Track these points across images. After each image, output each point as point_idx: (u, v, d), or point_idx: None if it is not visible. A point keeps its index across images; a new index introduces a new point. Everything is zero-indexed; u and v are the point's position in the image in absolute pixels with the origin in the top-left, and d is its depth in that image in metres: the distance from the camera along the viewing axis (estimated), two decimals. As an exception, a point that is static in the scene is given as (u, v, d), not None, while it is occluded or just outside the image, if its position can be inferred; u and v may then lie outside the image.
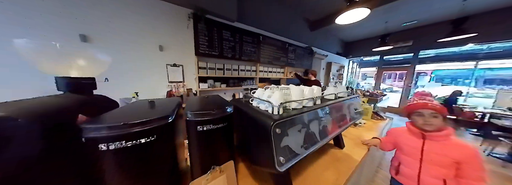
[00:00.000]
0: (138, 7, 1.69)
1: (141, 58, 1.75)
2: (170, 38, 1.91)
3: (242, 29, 2.42)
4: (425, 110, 0.66)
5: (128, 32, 1.65)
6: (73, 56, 0.51)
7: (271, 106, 0.52)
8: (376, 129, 1.49)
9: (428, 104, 0.66)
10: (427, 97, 0.70)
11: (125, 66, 1.68)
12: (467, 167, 0.61)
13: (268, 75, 2.89)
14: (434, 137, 0.65)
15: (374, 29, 4.06)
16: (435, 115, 0.65)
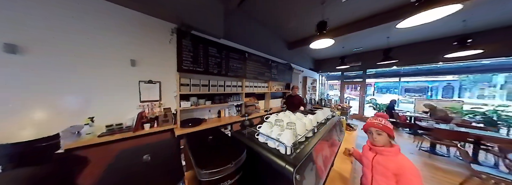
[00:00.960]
0: (100, 15, 1.14)
1: (103, 75, 1.17)
2: (147, 53, 1.41)
3: (229, 46, 2.05)
4: (372, 128, 0.71)
5: (83, 43, 1.08)
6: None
7: (284, 146, 0.43)
8: (352, 140, 1.40)
9: (374, 123, 0.70)
10: (380, 118, 0.74)
11: (80, 84, 1.08)
12: (403, 180, 0.61)
13: (254, 90, 2.51)
14: (381, 151, 0.68)
15: (335, 51, 4.40)
16: (379, 132, 0.69)
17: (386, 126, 0.69)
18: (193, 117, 1.88)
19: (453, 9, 1.02)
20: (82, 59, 1.15)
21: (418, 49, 3.42)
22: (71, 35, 1.11)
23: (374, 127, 0.70)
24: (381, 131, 0.68)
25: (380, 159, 0.68)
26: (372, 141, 0.71)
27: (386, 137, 0.68)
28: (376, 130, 0.70)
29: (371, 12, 2.26)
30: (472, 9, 2.06)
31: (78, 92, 1.14)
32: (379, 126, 0.69)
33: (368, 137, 0.75)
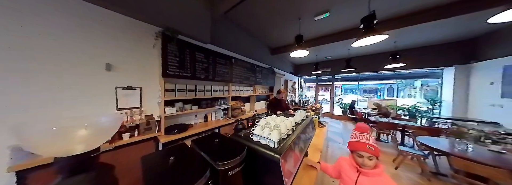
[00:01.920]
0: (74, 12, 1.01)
1: (69, 82, 1.03)
2: (126, 57, 1.31)
3: (216, 52, 2.08)
4: (365, 153, 0.64)
5: (45, 47, 0.94)
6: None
7: (272, 142, 0.61)
8: (322, 135, 1.63)
9: (366, 148, 0.64)
10: (366, 135, 0.67)
11: (48, 91, 0.92)
12: None
13: (240, 94, 2.60)
14: (366, 173, 0.64)
15: (311, 59, 4.99)
16: (372, 158, 0.63)
17: (378, 149, 0.63)
18: (178, 122, 1.80)
19: (382, 37, 1.43)
20: (43, 66, 0.97)
21: (368, 60, 4.30)
22: (29, 37, 0.93)
23: (366, 151, 0.63)
24: (373, 156, 0.63)
25: (365, 180, 0.64)
26: (361, 164, 0.65)
27: (375, 160, 0.63)
28: (369, 156, 0.63)
29: (335, 30, 2.75)
30: (400, 34, 2.80)
31: (48, 100, 0.96)
32: (371, 152, 0.62)
33: (354, 157, 0.68)
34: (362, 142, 0.65)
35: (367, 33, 1.45)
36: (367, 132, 0.68)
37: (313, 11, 2.15)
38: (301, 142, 0.81)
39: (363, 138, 0.66)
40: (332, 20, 2.37)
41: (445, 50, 3.33)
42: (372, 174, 0.63)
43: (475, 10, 1.75)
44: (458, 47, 3.19)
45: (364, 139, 0.65)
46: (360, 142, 0.66)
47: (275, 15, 2.30)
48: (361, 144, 0.65)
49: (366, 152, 0.63)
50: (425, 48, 3.54)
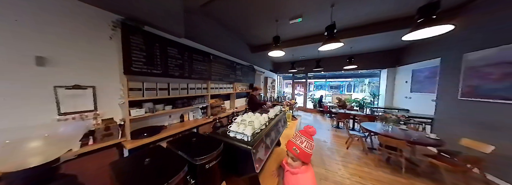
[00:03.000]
0: None
1: None
2: (70, 49, 1.04)
3: (192, 47, 1.92)
4: (289, 153, 0.66)
5: None
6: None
7: (247, 136, 0.68)
8: (294, 127, 1.89)
9: (292, 150, 0.63)
10: (303, 138, 0.65)
11: None
12: None
13: (219, 91, 2.53)
14: (288, 170, 0.67)
15: (288, 58, 5.31)
16: (295, 159, 0.63)
17: (304, 154, 0.60)
18: (149, 125, 1.61)
19: (339, 45, 1.74)
20: None
21: (332, 61, 5.01)
22: None
23: (290, 152, 0.63)
24: (296, 158, 0.62)
25: (288, 177, 0.66)
26: (287, 162, 0.66)
27: (300, 162, 0.63)
28: (292, 157, 0.63)
29: (307, 34, 3.03)
30: (354, 42, 3.39)
31: None
32: (294, 153, 0.62)
33: (287, 154, 0.68)
34: (292, 143, 0.65)
35: (329, 40, 1.73)
36: (307, 136, 0.64)
37: (288, 15, 2.28)
38: (273, 134, 0.92)
39: (298, 140, 0.64)
40: (305, 25, 2.60)
41: (382, 56, 4.31)
42: (291, 172, 0.64)
43: (397, 28, 2.34)
44: (390, 54, 4.18)
45: (297, 141, 0.64)
46: (291, 142, 0.66)
47: (254, 15, 2.31)
48: (290, 144, 0.66)
49: (290, 152, 0.64)
50: (370, 54, 4.45)
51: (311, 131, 0.67)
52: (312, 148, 0.63)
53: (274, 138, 0.95)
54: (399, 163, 1.84)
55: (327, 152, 2.47)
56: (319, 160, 2.15)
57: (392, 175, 1.79)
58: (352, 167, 2.00)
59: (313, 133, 0.66)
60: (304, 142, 0.64)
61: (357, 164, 2.06)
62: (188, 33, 1.94)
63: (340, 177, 1.77)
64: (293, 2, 1.95)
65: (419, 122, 2.76)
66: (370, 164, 2.06)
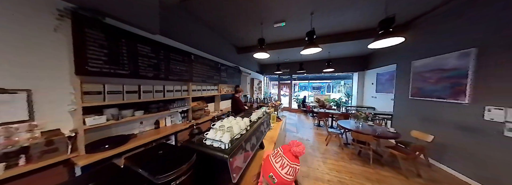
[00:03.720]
0: None
1: None
2: None
3: (169, 46, 1.73)
4: (265, 180, 0.50)
5: None
6: None
7: (224, 144, 0.62)
8: (278, 128, 1.91)
9: (268, 178, 0.47)
10: (285, 160, 0.47)
11: None
12: None
13: (202, 93, 2.37)
14: None
15: (273, 60, 5.43)
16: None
17: (282, 182, 0.44)
18: (113, 134, 1.36)
19: (318, 50, 1.88)
20: None
21: (314, 64, 5.37)
22: None
23: (265, 178, 0.48)
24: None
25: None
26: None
27: None
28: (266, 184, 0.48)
29: (291, 38, 3.15)
30: (332, 47, 3.71)
31: None
32: (272, 183, 0.45)
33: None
34: (269, 165, 0.48)
35: (309, 45, 1.84)
36: (291, 157, 0.46)
37: (272, 19, 2.32)
38: (254, 138, 0.89)
39: (278, 163, 0.46)
40: (288, 29, 2.69)
41: (354, 61, 4.86)
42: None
43: (364, 38, 2.68)
44: (360, 60, 4.75)
45: (277, 164, 0.46)
46: (268, 164, 0.49)
47: (239, 17, 2.26)
48: (267, 167, 0.48)
49: (265, 179, 0.48)
50: (344, 59, 4.96)
51: (298, 151, 0.46)
52: (295, 173, 0.46)
53: (256, 142, 0.92)
54: (368, 155, 2.07)
55: (309, 149, 2.58)
56: (302, 159, 2.22)
57: (362, 167, 2.00)
58: (330, 162, 2.14)
59: (300, 153, 0.47)
60: (286, 166, 0.45)
61: (334, 159, 2.22)
62: (165, 30, 1.75)
63: (320, 172, 1.86)
64: (276, 7, 1.99)
65: (382, 118, 3.18)
66: (345, 158, 2.24)
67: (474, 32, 1.73)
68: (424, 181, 1.71)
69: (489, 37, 1.60)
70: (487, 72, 1.61)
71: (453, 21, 1.95)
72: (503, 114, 1.46)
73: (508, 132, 1.44)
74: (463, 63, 1.80)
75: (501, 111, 1.48)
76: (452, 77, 1.92)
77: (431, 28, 2.23)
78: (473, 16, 1.74)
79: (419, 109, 2.43)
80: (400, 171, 1.85)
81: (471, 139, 1.72)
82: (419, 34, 2.40)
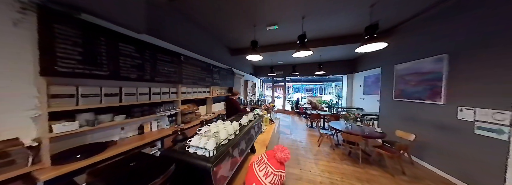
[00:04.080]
0: None
1: None
2: None
3: (157, 46, 1.63)
4: None
5: None
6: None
7: (207, 151, 0.57)
8: (271, 130, 1.87)
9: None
10: (270, 168, 0.48)
11: None
12: None
13: (193, 96, 2.27)
14: None
15: (267, 62, 5.47)
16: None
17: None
18: (88, 142, 1.22)
19: (309, 53, 1.92)
20: None
21: (306, 67, 5.52)
22: None
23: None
24: None
25: None
26: None
27: None
28: None
29: (283, 41, 3.20)
30: (323, 51, 3.84)
31: None
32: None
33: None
34: (253, 174, 0.47)
35: (301, 48, 1.88)
36: (275, 164, 0.44)
37: (265, 22, 2.34)
38: (244, 143, 0.84)
39: (262, 171, 0.45)
40: (281, 32, 2.73)
41: (343, 64, 5.08)
42: None
43: (352, 43, 2.81)
44: (348, 63, 4.99)
45: (261, 173, 0.45)
46: (251, 173, 0.48)
47: (232, 18, 2.24)
48: (251, 176, 0.47)
49: None
50: (334, 62, 5.17)
51: (283, 157, 0.45)
52: (281, 180, 0.43)
53: (246, 146, 0.87)
54: (358, 155, 2.12)
55: (302, 151, 2.58)
56: (294, 161, 2.21)
57: (353, 167, 2.04)
58: (323, 163, 2.15)
59: (284, 159, 0.45)
60: (270, 175, 0.43)
61: (326, 160, 2.24)
62: (153, 30, 1.66)
63: (313, 175, 1.85)
64: (269, 11, 2.00)
65: (370, 118, 3.32)
66: (336, 159, 2.28)
67: (445, 40, 1.91)
68: (408, 178, 1.79)
69: (458, 45, 1.77)
70: (458, 75, 1.76)
71: (428, 30, 2.13)
72: (473, 114, 1.60)
73: (477, 130, 1.57)
74: (438, 67, 1.96)
75: (471, 111, 1.62)
76: (429, 80, 2.07)
77: (410, 34, 2.42)
78: (443, 27, 1.93)
79: (402, 109, 2.58)
80: (387, 170, 1.91)
81: (447, 137, 1.85)
82: (401, 40, 2.58)
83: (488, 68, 1.51)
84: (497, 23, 1.45)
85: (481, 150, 1.54)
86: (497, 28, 1.45)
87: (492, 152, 1.45)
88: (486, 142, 1.49)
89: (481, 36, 1.57)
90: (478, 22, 1.60)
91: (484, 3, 1.55)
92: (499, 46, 1.44)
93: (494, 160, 1.43)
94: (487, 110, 1.49)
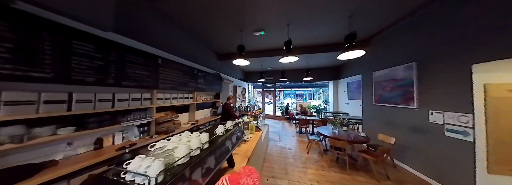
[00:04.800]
0: None
1: None
2: None
3: (127, 46, 1.45)
4: None
5: None
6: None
7: (147, 179, 0.42)
8: (256, 139, 1.70)
9: None
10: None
11: None
12: None
13: (172, 102, 2.03)
14: None
15: (256, 67, 5.51)
16: None
17: None
18: (15, 164, 0.91)
19: (295, 59, 1.93)
20: None
21: (295, 73, 5.66)
22: None
23: None
24: None
25: None
26: None
27: None
28: None
29: (271, 47, 3.24)
30: (310, 58, 4.00)
31: None
32: None
33: None
34: None
35: (287, 53, 1.88)
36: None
37: (251, 27, 2.33)
38: (213, 159, 0.69)
39: None
40: (268, 38, 2.75)
41: (329, 71, 5.34)
42: None
43: (335, 50, 2.96)
44: (333, 70, 5.26)
45: None
46: None
47: (218, 22, 2.18)
48: None
49: None
50: (321, 69, 5.41)
51: (249, 184, 0.38)
52: None
53: (216, 164, 0.71)
54: (345, 161, 2.06)
55: (290, 159, 2.44)
56: (283, 171, 2.05)
57: (340, 173, 1.97)
58: (311, 172, 2.04)
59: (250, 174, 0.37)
60: None
61: (315, 168, 2.13)
62: (125, 28, 1.49)
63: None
64: (254, 16, 2.00)
65: (354, 122, 3.40)
66: (324, 166, 2.19)
67: (412, 50, 2.10)
68: (392, 182, 1.77)
69: (421, 55, 1.95)
70: (426, 82, 1.91)
71: (398, 40, 2.34)
72: (442, 117, 1.69)
73: (447, 132, 1.65)
74: (409, 74, 2.11)
75: (440, 114, 1.72)
76: (403, 86, 2.21)
77: (385, 44, 2.64)
78: (408, 38, 2.14)
79: (382, 113, 2.68)
80: (373, 175, 1.87)
81: (422, 140, 1.92)
82: (377, 49, 2.80)
83: (445, 75, 1.67)
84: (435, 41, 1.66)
85: (452, 151, 1.61)
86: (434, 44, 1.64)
87: (461, 153, 1.52)
88: (455, 144, 1.56)
89: (430, 50, 1.82)
90: (428, 38, 1.84)
91: (423, 26, 1.84)
92: (443, 56, 1.67)
93: (464, 160, 1.49)
94: (453, 113, 1.59)
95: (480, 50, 1.40)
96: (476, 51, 1.43)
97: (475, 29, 1.44)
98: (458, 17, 1.58)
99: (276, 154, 2.65)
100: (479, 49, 1.41)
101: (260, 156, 2.06)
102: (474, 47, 1.44)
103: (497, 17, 1.29)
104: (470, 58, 1.46)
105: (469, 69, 1.46)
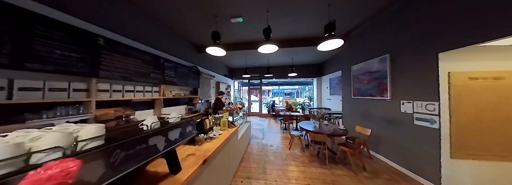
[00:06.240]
0: None
1: None
2: None
3: (39, 14, 1.04)
4: None
5: None
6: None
7: None
8: (228, 135, 1.47)
9: None
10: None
11: None
12: None
13: (126, 96, 1.64)
14: None
15: (241, 63, 5.25)
16: None
17: None
18: None
19: (274, 47, 1.75)
20: None
21: (280, 69, 5.56)
22: None
23: None
24: None
25: None
26: None
27: None
28: None
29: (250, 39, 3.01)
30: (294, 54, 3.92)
31: None
32: None
33: None
34: None
35: (266, 42, 1.74)
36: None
37: (228, 12, 2.07)
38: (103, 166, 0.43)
39: None
40: (247, 28, 2.51)
41: (312, 68, 5.42)
42: None
43: (315, 45, 2.86)
44: (317, 67, 5.37)
45: None
46: None
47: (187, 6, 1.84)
48: None
49: None
50: (305, 66, 5.45)
51: None
52: None
53: (115, 169, 0.45)
54: (325, 155, 1.99)
55: (270, 157, 2.27)
56: (260, 170, 1.86)
57: (320, 168, 1.89)
58: (291, 169, 1.90)
59: None
60: None
61: (295, 165, 2.01)
62: None
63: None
64: None
65: (336, 116, 3.44)
66: (305, 162, 2.09)
67: (385, 42, 2.13)
68: (368, 174, 1.75)
69: (395, 46, 1.99)
70: (398, 73, 1.95)
71: (373, 34, 2.38)
72: (411, 107, 1.73)
73: (416, 121, 1.68)
74: (383, 67, 2.14)
75: (410, 104, 1.75)
76: (378, 78, 2.25)
77: (361, 38, 2.67)
78: (382, 33, 2.18)
79: (359, 106, 2.73)
80: (350, 167, 1.83)
81: (395, 130, 1.97)
82: (355, 43, 2.83)
83: (415, 65, 1.70)
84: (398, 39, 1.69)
85: (420, 139, 1.65)
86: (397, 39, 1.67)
87: (428, 141, 1.56)
88: (423, 132, 1.60)
89: (401, 42, 1.87)
90: (399, 30, 1.89)
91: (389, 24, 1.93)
92: (412, 47, 1.71)
93: (431, 147, 1.52)
94: (422, 102, 1.62)
95: (444, 39, 1.43)
96: (441, 40, 1.45)
97: (439, 19, 1.47)
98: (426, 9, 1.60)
99: (257, 152, 2.46)
100: (443, 38, 1.44)
101: (235, 156, 1.82)
102: (439, 36, 1.47)
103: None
104: (436, 47, 1.49)
105: (436, 58, 1.48)
